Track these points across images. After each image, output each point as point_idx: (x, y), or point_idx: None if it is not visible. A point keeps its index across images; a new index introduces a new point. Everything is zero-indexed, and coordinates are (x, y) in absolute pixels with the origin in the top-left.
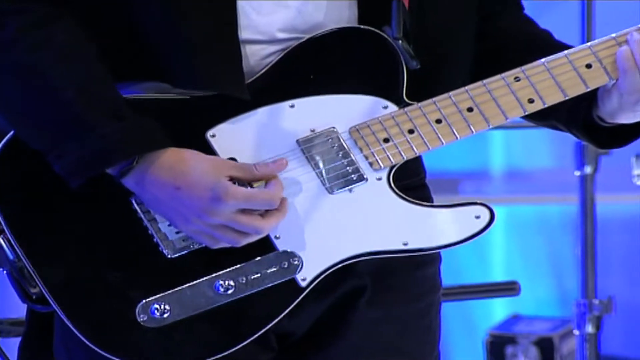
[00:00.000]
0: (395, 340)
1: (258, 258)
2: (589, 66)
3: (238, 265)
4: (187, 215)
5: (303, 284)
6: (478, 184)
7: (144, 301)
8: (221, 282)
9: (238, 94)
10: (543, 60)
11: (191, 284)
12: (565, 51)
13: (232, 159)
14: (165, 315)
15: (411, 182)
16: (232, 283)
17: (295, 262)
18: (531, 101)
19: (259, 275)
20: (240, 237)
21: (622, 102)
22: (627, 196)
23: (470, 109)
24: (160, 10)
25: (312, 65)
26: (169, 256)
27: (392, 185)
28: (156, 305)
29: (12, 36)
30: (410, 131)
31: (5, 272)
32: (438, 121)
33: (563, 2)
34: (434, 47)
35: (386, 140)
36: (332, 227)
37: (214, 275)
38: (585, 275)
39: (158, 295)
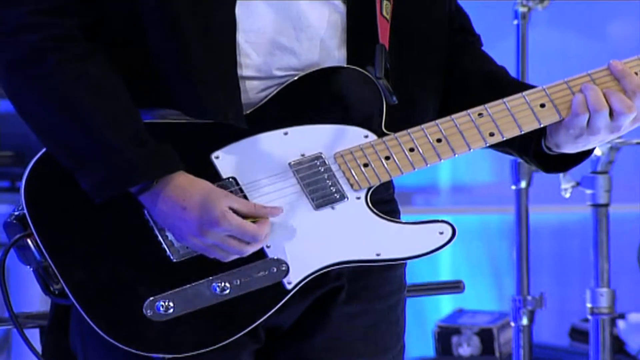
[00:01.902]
0: (368, 331)
1: (251, 264)
2: (542, 105)
3: (233, 270)
4: (187, 231)
5: (289, 287)
6: (428, 197)
7: (150, 298)
8: (218, 283)
9: (237, 123)
10: (504, 99)
11: (192, 284)
12: (523, 92)
13: (233, 177)
14: (169, 311)
15: (383, 196)
16: (227, 285)
17: (283, 268)
18: (492, 135)
19: (251, 278)
20: (227, 255)
21: (567, 136)
22: (555, 207)
23: (439, 140)
24: (175, 52)
25: (305, 99)
26: (174, 260)
27: (369, 204)
28: (161, 303)
29: (52, 69)
30: (387, 158)
31: (31, 269)
32: (411, 150)
33: (500, 41)
34: (410, 84)
35: (365, 165)
36: (316, 239)
37: (212, 277)
38: (520, 275)
39: (163, 294)
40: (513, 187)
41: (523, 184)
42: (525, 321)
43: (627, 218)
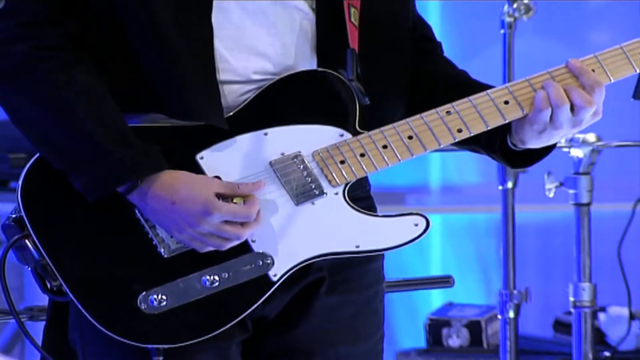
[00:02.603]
0: (348, 321)
1: (238, 257)
2: (506, 102)
3: (222, 264)
4: (180, 225)
5: (274, 279)
6: (420, 197)
7: (144, 293)
8: (208, 277)
9: (218, 124)
10: (470, 97)
11: (183, 278)
12: (488, 90)
13: (217, 177)
14: (163, 304)
15: (359, 193)
16: (216, 278)
17: (268, 261)
18: (460, 130)
19: (238, 271)
20: (224, 242)
21: (531, 131)
22: (540, 206)
23: (410, 137)
24: (158, 59)
25: (282, 101)
26: (165, 256)
27: (347, 198)
28: (154, 296)
29: (42, 77)
30: (362, 155)
31: (29, 269)
32: (384, 147)
33: (488, 49)
34: (380, 86)
35: (342, 162)
36: (298, 233)
37: (202, 271)
38: (507, 271)
39: (156, 288)
40: (500, 188)
41: (509, 185)
42: (511, 314)
43: (608, 216)
